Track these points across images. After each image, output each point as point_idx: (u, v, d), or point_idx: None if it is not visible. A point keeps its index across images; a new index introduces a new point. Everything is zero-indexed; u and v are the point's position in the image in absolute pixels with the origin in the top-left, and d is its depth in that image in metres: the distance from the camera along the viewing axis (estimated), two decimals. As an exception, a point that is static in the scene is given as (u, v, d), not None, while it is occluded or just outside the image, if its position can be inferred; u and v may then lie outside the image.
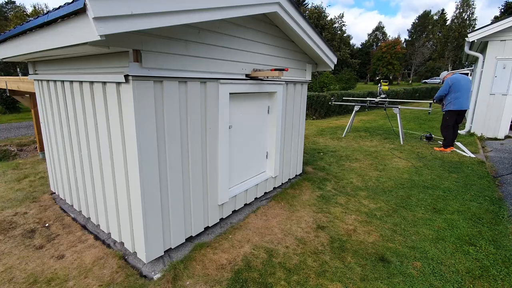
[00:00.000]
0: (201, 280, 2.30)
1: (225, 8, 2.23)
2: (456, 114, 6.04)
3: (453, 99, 5.96)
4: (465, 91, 5.92)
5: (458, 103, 5.93)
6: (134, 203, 2.36)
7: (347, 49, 34.60)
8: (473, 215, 3.42)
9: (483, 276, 2.39)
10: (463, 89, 5.89)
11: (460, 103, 5.92)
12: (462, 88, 5.89)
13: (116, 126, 2.31)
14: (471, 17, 49.08)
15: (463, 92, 5.90)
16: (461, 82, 5.89)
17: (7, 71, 23.66)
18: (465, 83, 5.91)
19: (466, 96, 5.94)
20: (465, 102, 5.94)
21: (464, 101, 5.93)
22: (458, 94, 5.92)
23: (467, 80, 5.98)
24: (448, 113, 6.11)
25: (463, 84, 5.89)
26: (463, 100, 5.92)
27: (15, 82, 5.22)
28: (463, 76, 6.02)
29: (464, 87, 5.91)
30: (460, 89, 5.89)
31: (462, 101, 5.91)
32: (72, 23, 1.61)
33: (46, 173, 4.65)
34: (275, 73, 2.93)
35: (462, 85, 5.89)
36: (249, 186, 3.54)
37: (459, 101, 5.92)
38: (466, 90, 5.93)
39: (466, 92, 5.93)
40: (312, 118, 11.81)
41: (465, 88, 5.91)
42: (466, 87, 5.93)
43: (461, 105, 5.93)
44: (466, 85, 5.93)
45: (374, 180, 4.58)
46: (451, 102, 6.02)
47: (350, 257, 2.63)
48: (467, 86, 5.95)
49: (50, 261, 2.56)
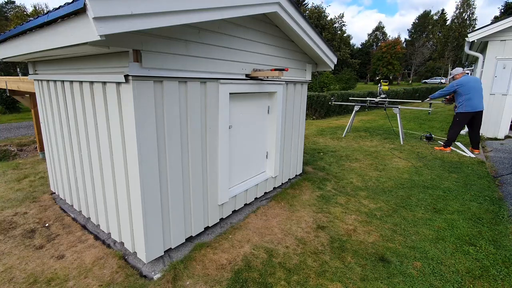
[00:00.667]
0: (201, 280, 2.30)
1: (225, 8, 2.23)
2: (469, 116, 5.85)
3: (465, 100, 5.79)
4: (476, 91, 5.73)
5: (470, 105, 5.75)
6: (134, 203, 2.36)
7: (347, 49, 34.61)
8: (473, 215, 3.42)
9: (483, 276, 2.39)
10: (473, 90, 5.71)
11: (472, 104, 5.74)
12: (472, 89, 5.71)
13: (116, 126, 2.31)
14: (471, 17, 49.07)
15: (474, 93, 5.71)
16: (470, 83, 5.73)
17: (7, 71, 23.67)
18: (473, 84, 5.74)
19: (478, 96, 5.74)
20: (478, 103, 5.74)
21: (477, 102, 5.74)
22: (470, 95, 5.73)
23: (476, 80, 5.83)
24: (460, 115, 5.94)
25: (472, 85, 5.72)
26: (476, 101, 5.72)
27: (15, 82, 5.22)
28: (472, 78, 5.87)
29: (475, 87, 5.72)
30: (471, 90, 5.71)
31: (474, 102, 5.72)
32: (72, 23, 1.61)
33: (46, 173, 4.65)
34: (275, 73, 2.93)
35: (471, 86, 5.72)
36: (249, 186, 3.54)
37: (471, 103, 5.74)
38: (478, 90, 5.74)
39: (477, 92, 5.74)
40: (312, 118, 11.81)
41: (475, 89, 5.72)
42: (477, 88, 5.73)
43: (474, 107, 5.74)
44: (476, 86, 5.74)
45: (374, 180, 4.58)
46: (463, 104, 5.84)
47: (350, 257, 2.63)
48: (478, 87, 5.75)
49: (50, 261, 2.56)
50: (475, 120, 5.90)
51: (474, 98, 5.73)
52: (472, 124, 5.98)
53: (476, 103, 5.74)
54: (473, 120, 5.91)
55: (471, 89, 5.72)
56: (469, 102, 5.76)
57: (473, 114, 5.81)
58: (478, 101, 5.75)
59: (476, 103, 5.74)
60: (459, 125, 6.01)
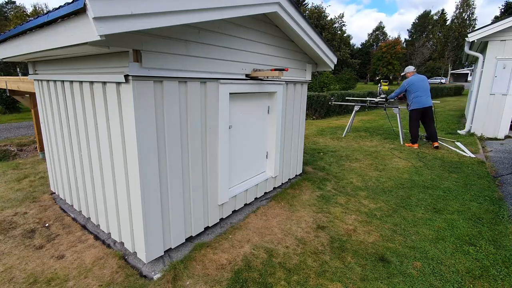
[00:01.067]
0: (201, 280, 2.30)
1: (225, 8, 2.23)
2: (420, 112, 6.43)
3: (414, 98, 6.42)
4: (424, 89, 6.35)
5: (419, 102, 6.36)
6: (134, 203, 2.36)
7: (347, 49, 34.62)
8: (473, 215, 3.42)
9: (483, 276, 2.39)
10: (420, 89, 6.33)
11: (420, 101, 6.35)
12: (419, 88, 6.34)
13: (116, 126, 2.31)
14: (471, 17, 49.10)
15: (422, 91, 6.33)
16: (416, 83, 6.37)
17: (7, 71, 23.67)
18: (421, 83, 6.36)
19: (426, 94, 6.35)
20: (425, 100, 6.34)
21: (425, 99, 6.34)
22: (418, 93, 6.36)
23: (424, 79, 6.45)
24: (412, 112, 6.53)
25: (418, 84, 6.36)
26: (424, 99, 6.33)
27: (15, 82, 5.22)
28: (419, 77, 6.48)
29: (421, 86, 6.34)
30: (418, 89, 6.35)
31: (422, 99, 6.33)
32: (72, 23, 1.61)
33: (46, 173, 4.65)
34: (275, 73, 2.93)
35: (418, 85, 6.35)
36: (249, 186, 3.54)
37: (420, 99, 6.34)
38: (425, 89, 6.36)
39: (424, 91, 6.35)
40: (312, 118, 11.81)
41: (422, 87, 6.34)
42: (424, 86, 6.36)
43: (421, 103, 6.35)
44: (423, 85, 6.36)
45: (374, 180, 4.58)
46: (413, 101, 6.47)
47: (350, 257, 2.63)
48: (425, 85, 6.38)
49: (50, 261, 2.56)
50: (426, 115, 6.46)
51: (422, 95, 6.35)
52: (424, 119, 6.54)
53: (423, 100, 6.34)
54: (424, 115, 6.48)
55: (419, 88, 6.35)
56: (417, 99, 6.38)
57: (423, 110, 6.40)
58: (426, 99, 6.35)
59: (424, 100, 6.34)
60: (415, 121, 6.54)
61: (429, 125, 6.53)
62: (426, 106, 6.33)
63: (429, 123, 6.51)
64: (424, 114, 6.45)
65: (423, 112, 6.40)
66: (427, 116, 6.45)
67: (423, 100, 6.32)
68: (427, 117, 6.47)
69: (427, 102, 6.33)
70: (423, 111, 6.39)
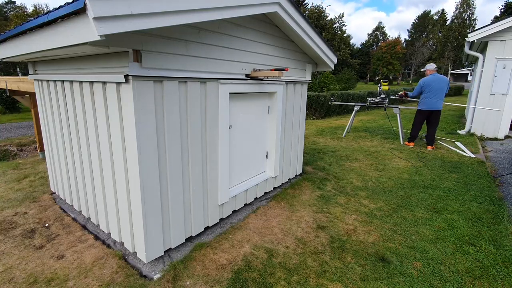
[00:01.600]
0: (201, 280, 2.30)
1: (225, 8, 2.23)
2: (426, 114, 6.28)
3: (423, 98, 6.23)
4: (436, 92, 6.06)
5: (427, 103, 6.18)
6: (134, 203, 2.36)
7: (347, 49, 34.61)
8: (473, 215, 3.42)
9: (483, 276, 2.39)
10: (434, 90, 6.06)
11: (428, 103, 6.16)
12: (432, 89, 6.07)
13: (116, 126, 2.31)
14: (471, 17, 49.11)
15: (434, 92, 6.07)
16: (431, 83, 6.06)
17: (7, 71, 23.67)
18: (436, 84, 6.04)
19: (437, 97, 6.09)
20: (434, 103, 6.11)
21: (434, 101, 6.10)
22: (429, 94, 6.13)
23: (441, 80, 6.07)
24: (418, 112, 6.42)
25: (434, 85, 6.05)
26: (433, 101, 6.11)
27: (15, 82, 5.22)
28: (438, 77, 6.12)
29: (436, 88, 6.04)
30: (431, 89, 6.08)
31: (431, 101, 6.12)
32: (72, 23, 1.61)
33: (46, 173, 4.65)
34: (275, 73, 2.93)
35: (433, 87, 6.06)
36: (249, 186, 3.54)
37: (428, 101, 6.15)
38: (439, 91, 6.05)
39: (438, 93, 6.07)
40: (312, 118, 11.81)
41: (436, 89, 6.05)
42: (438, 88, 6.04)
43: (429, 105, 6.16)
44: (438, 86, 6.04)
45: (374, 180, 4.58)
46: (421, 102, 6.29)
47: (350, 257, 2.63)
48: (439, 87, 6.04)
49: (50, 261, 2.56)
50: (431, 117, 6.28)
51: (433, 97, 6.09)
52: (429, 121, 6.38)
53: (432, 102, 6.12)
54: (429, 117, 6.32)
55: (432, 89, 6.07)
56: (426, 100, 6.18)
57: (429, 112, 6.24)
58: (435, 101, 6.11)
59: (433, 103, 6.11)
60: (418, 122, 6.44)
61: (431, 128, 6.38)
62: (433, 109, 6.15)
63: (431, 126, 6.35)
64: (430, 116, 6.28)
65: (429, 114, 6.25)
66: (432, 118, 6.29)
67: (432, 103, 6.11)
68: (432, 119, 6.31)
69: (435, 105, 6.11)
70: (429, 113, 6.24)
